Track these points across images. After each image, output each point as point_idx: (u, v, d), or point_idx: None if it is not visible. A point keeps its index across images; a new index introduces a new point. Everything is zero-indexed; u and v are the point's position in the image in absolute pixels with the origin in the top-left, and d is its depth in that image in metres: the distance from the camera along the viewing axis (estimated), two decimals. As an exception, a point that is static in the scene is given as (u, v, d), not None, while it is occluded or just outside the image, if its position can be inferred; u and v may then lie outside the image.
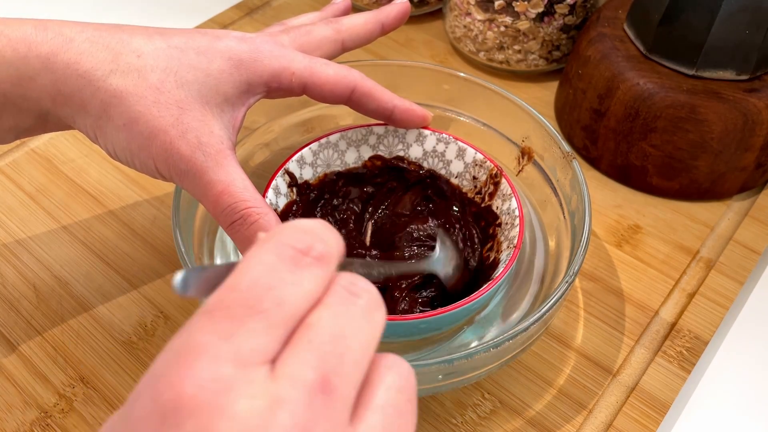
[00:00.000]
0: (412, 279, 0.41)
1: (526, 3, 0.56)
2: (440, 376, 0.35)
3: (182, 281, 0.21)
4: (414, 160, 0.45)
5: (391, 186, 0.46)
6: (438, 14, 0.68)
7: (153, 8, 0.71)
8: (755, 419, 0.42)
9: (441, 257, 0.40)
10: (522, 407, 0.41)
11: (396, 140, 0.44)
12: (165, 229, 0.50)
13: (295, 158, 0.43)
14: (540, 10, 0.57)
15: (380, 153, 0.45)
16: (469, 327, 0.41)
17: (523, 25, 0.58)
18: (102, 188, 0.52)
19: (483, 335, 0.41)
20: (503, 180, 0.42)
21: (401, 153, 0.45)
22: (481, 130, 0.48)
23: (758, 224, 0.51)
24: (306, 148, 0.43)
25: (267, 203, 0.36)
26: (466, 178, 0.44)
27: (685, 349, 0.44)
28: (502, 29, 0.58)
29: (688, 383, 0.43)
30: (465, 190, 0.44)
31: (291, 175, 0.42)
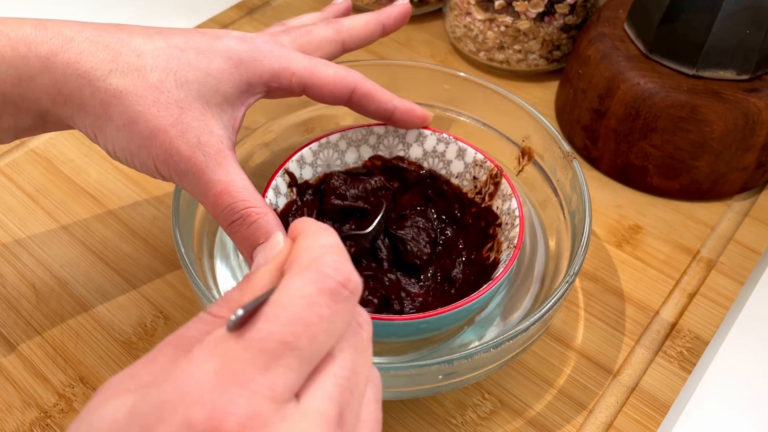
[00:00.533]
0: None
1: (527, 3, 0.56)
2: (440, 376, 0.35)
3: (237, 321, 0.21)
4: (414, 161, 0.45)
5: (392, 186, 0.46)
6: (438, 14, 0.68)
7: (153, 8, 0.71)
8: (755, 419, 0.41)
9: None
10: (522, 407, 0.41)
11: (396, 140, 0.44)
12: (165, 229, 0.50)
13: (295, 158, 0.43)
14: (540, 10, 0.57)
15: (380, 153, 0.45)
16: (469, 327, 0.41)
17: (524, 25, 0.58)
18: (102, 188, 0.52)
19: (483, 335, 0.41)
20: (503, 180, 0.42)
21: (401, 153, 0.45)
22: (482, 130, 0.47)
23: (759, 224, 0.51)
24: (306, 148, 0.43)
25: (267, 203, 0.36)
26: (467, 178, 0.44)
27: (686, 350, 0.44)
28: (503, 29, 0.58)
29: (689, 383, 0.43)
30: (465, 191, 0.44)
31: (291, 175, 0.42)
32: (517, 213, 0.40)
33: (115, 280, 0.46)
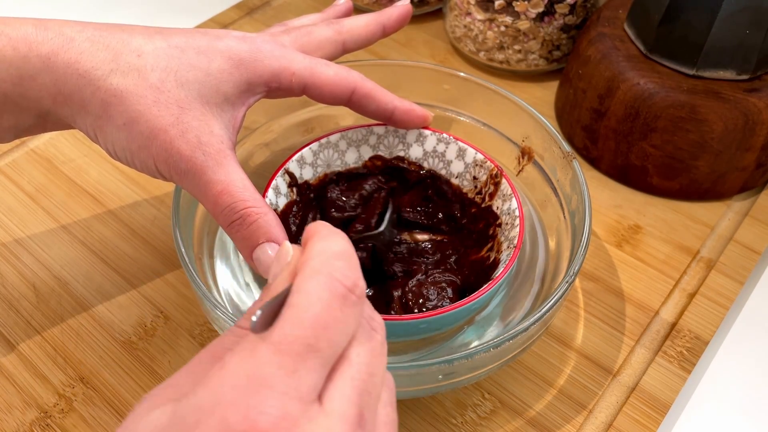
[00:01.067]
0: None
1: (527, 3, 0.56)
2: (440, 376, 0.35)
3: (259, 321, 0.22)
4: (414, 161, 0.45)
5: (392, 186, 0.46)
6: (438, 14, 0.68)
7: (153, 8, 0.71)
8: (755, 419, 0.42)
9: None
10: (522, 407, 0.41)
11: (396, 140, 0.44)
12: (165, 229, 0.50)
13: (296, 158, 0.43)
14: (540, 10, 0.57)
15: (380, 153, 0.45)
16: (470, 327, 0.41)
17: (524, 25, 0.58)
18: (102, 188, 0.52)
19: (483, 335, 0.41)
20: (503, 180, 0.42)
21: (401, 153, 0.45)
22: (481, 130, 0.47)
23: (758, 224, 0.51)
24: (306, 148, 0.43)
25: (266, 203, 0.36)
26: (467, 179, 0.44)
27: (686, 349, 0.44)
28: (503, 29, 0.58)
29: (689, 383, 0.43)
30: (465, 191, 0.44)
31: (291, 175, 0.42)
32: (517, 213, 0.40)
33: (116, 280, 0.46)
